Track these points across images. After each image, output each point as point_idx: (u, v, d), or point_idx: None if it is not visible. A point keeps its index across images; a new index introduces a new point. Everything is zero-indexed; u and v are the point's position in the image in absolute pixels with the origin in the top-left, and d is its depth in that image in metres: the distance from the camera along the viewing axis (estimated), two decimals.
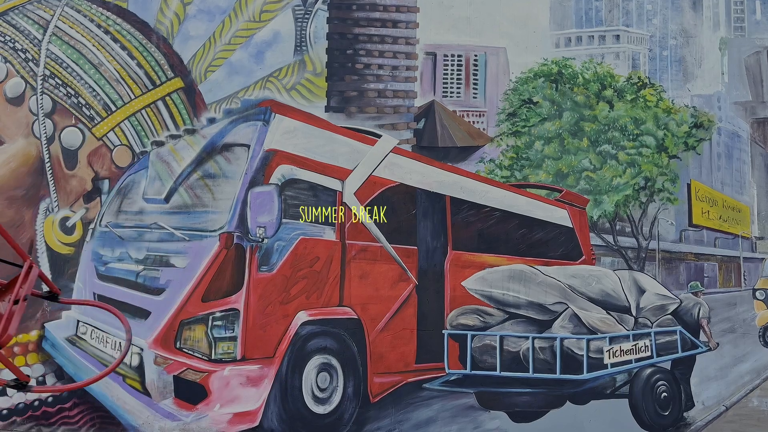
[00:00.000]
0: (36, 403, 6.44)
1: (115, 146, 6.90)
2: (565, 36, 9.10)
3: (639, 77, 8.64)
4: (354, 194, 6.15)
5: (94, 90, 6.89)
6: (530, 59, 8.33)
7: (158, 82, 7.11)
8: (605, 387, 6.38)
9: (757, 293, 8.29)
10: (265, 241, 5.58)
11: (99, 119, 6.87)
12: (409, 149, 7.53)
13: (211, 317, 5.46)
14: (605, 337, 5.98)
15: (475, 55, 8.86)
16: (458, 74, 8.84)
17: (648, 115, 8.39)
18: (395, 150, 6.51)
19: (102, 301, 6.30)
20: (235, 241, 5.48)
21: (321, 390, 5.83)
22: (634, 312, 6.42)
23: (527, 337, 5.99)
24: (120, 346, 5.84)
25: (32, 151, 6.69)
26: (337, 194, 6.08)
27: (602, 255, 8.88)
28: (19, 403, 6.40)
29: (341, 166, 6.14)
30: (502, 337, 6.06)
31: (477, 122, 8.72)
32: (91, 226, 6.69)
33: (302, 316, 5.73)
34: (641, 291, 6.56)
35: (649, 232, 8.80)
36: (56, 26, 6.93)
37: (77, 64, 6.88)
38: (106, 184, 6.83)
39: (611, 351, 5.99)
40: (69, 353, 6.28)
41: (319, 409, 5.81)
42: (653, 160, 8.37)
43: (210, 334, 5.45)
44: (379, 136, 6.56)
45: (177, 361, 5.45)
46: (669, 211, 8.64)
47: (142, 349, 5.56)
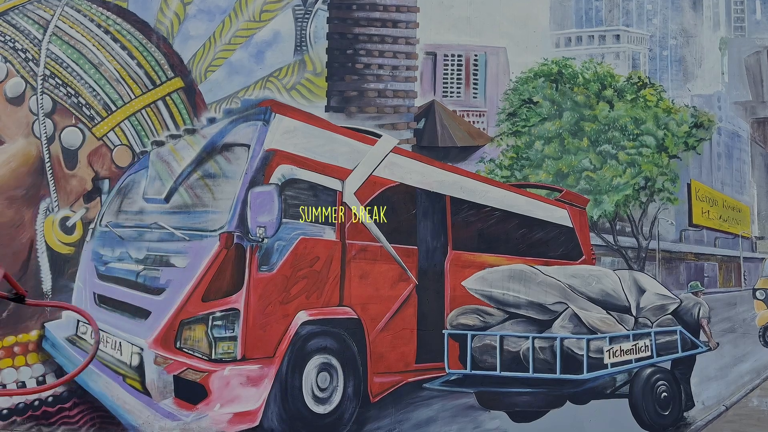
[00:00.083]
0: (36, 403, 6.43)
1: (116, 146, 6.90)
2: (565, 36, 9.10)
3: (639, 77, 8.64)
4: (354, 194, 6.14)
5: (94, 90, 6.89)
6: (530, 59, 8.33)
7: (158, 82, 7.11)
8: (605, 387, 6.38)
9: (757, 293, 8.28)
10: (265, 241, 5.58)
11: (99, 119, 6.87)
12: (409, 149, 7.53)
13: (211, 317, 5.46)
14: (605, 337, 5.98)
15: (475, 55, 8.85)
16: (458, 74, 8.83)
17: (648, 115, 8.38)
18: (395, 150, 6.51)
19: (102, 301, 6.32)
20: (235, 241, 5.48)
21: (321, 390, 5.83)
22: (634, 312, 6.42)
23: (527, 337, 5.99)
24: (120, 347, 5.84)
25: (32, 151, 6.69)
26: (337, 194, 6.07)
27: (602, 255, 8.87)
28: (19, 403, 6.40)
29: (341, 166, 6.14)
30: (502, 337, 6.06)
31: (477, 122, 8.71)
32: (91, 226, 6.69)
33: (302, 316, 5.73)
34: (641, 291, 6.56)
35: (649, 232, 8.79)
36: (56, 26, 6.93)
37: (77, 64, 6.88)
38: (107, 184, 6.83)
39: (611, 351, 5.99)
40: (69, 353, 6.28)
41: (320, 409, 5.81)
42: (653, 160, 8.37)
43: (210, 334, 5.44)
44: (379, 136, 6.55)
45: (177, 361, 5.45)
46: (669, 211, 8.64)
47: (143, 349, 5.56)
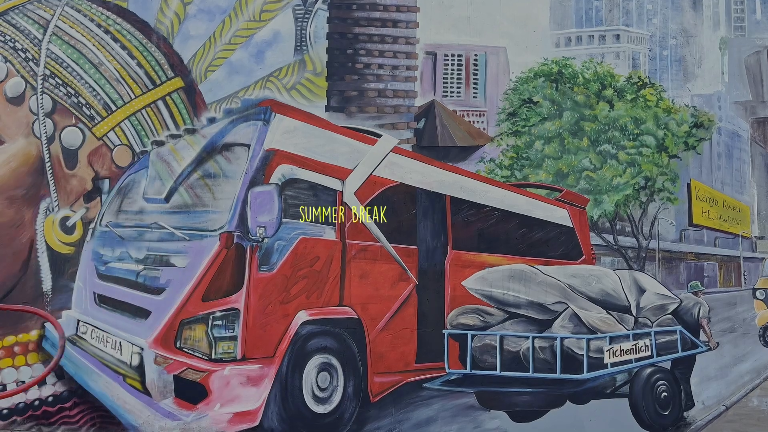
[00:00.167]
0: (36, 403, 6.44)
1: (116, 146, 6.90)
2: (565, 36, 9.10)
3: (639, 77, 8.65)
4: (354, 194, 6.14)
5: (95, 90, 6.89)
6: (530, 59, 8.34)
7: (158, 82, 7.12)
8: (605, 386, 6.38)
9: (757, 293, 8.29)
10: (266, 241, 5.57)
11: (99, 119, 6.87)
12: (410, 149, 7.53)
13: (212, 317, 5.45)
14: (605, 337, 5.98)
15: (475, 55, 8.86)
16: (458, 74, 8.84)
17: (648, 115, 8.39)
18: (395, 150, 6.50)
19: (102, 301, 6.32)
20: (236, 241, 5.48)
21: (321, 389, 5.83)
22: (634, 312, 6.42)
23: (527, 337, 5.98)
24: (120, 346, 5.84)
25: (32, 151, 6.69)
26: (338, 194, 6.07)
27: (602, 255, 8.88)
28: (20, 403, 6.41)
29: (341, 166, 6.14)
30: (502, 337, 6.05)
31: (477, 122, 8.72)
32: (92, 226, 6.69)
33: (302, 316, 5.73)
34: (641, 290, 6.56)
35: (649, 232, 8.80)
36: (56, 26, 6.93)
37: (77, 64, 6.89)
38: (107, 184, 6.83)
39: (611, 351, 5.99)
40: (69, 353, 6.29)
41: (320, 409, 5.81)
42: (653, 160, 8.38)
43: (210, 334, 5.44)
44: (380, 136, 6.55)
45: (177, 361, 5.44)
46: (669, 211, 8.64)
47: (143, 349, 5.55)
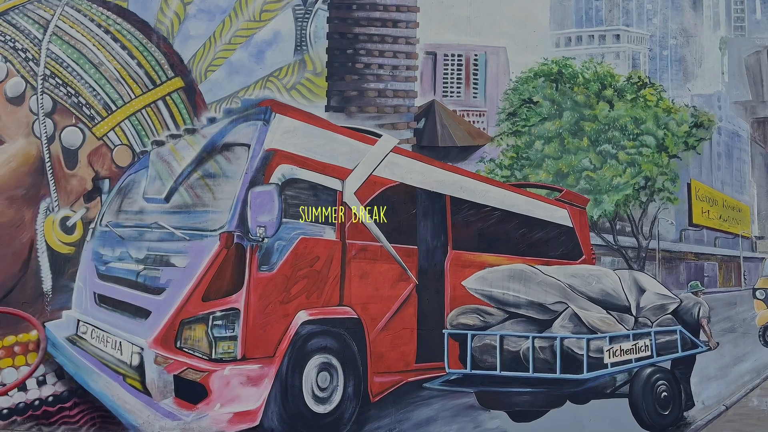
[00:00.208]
0: (36, 403, 6.44)
1: (116, 146, 6.90)
2: (565, 35, 9.11)
3: (639, 77, 8.65)
4: (354, 194, 6.14)
5: (95, 89, 6.90)
6: (530, 59, 8.34)
7: (158, 82, 7.12)
8: (605, 386, 6.38)
9: (757, 293, 8.29)
10: (266, 241, 5.57)
11: (99, 119, 6.87)
12: (410, 149, 7.54)
13: (212, 317, 5.45)
14: (605, 337, 5.98)
15: (475, 55, 8.86)
16: (458, 74, 8.84)
17: (648, 115, 8.39)
18: (395, 149, 6.50)
19: (102, 301, 6.33)
20: (236, 241, 5.48)
21: (321, 389, 5.83)
22: (634, 311, 6.42)
23: (527, 337, 5.98)
24: (120, 346, 5.85)
25: (32, 151, 6.69)
26: (338, 194, 6.07)
27: (602, 254, 8.88)
28: (20, 403, 6.41)
29: (341, 166, 6.14)
30: (502, 337, 6.05)
31: (477, 122, 8.72)
32: (92, 226, 6.69)
33: (302, 316, 5.73)
34: (641, 290, 6.56)
35: (649, 232, 8.80)
36: (56, 26, 6.93)
37: (77, 64, 6.89)
38: (107, 184, 6.83)
39: (611, 350, 5.99)
40: (69, 352, 6.28)
41: (320, 409, 5.81)
42: (653, 160, 8.38)
43: (210, 334, 5.44)
44: (380, 136, 6.55)
45: (177, 361, 5.44)
46: (669, 211, 8.64)
47: (143, 349, 5.56)
